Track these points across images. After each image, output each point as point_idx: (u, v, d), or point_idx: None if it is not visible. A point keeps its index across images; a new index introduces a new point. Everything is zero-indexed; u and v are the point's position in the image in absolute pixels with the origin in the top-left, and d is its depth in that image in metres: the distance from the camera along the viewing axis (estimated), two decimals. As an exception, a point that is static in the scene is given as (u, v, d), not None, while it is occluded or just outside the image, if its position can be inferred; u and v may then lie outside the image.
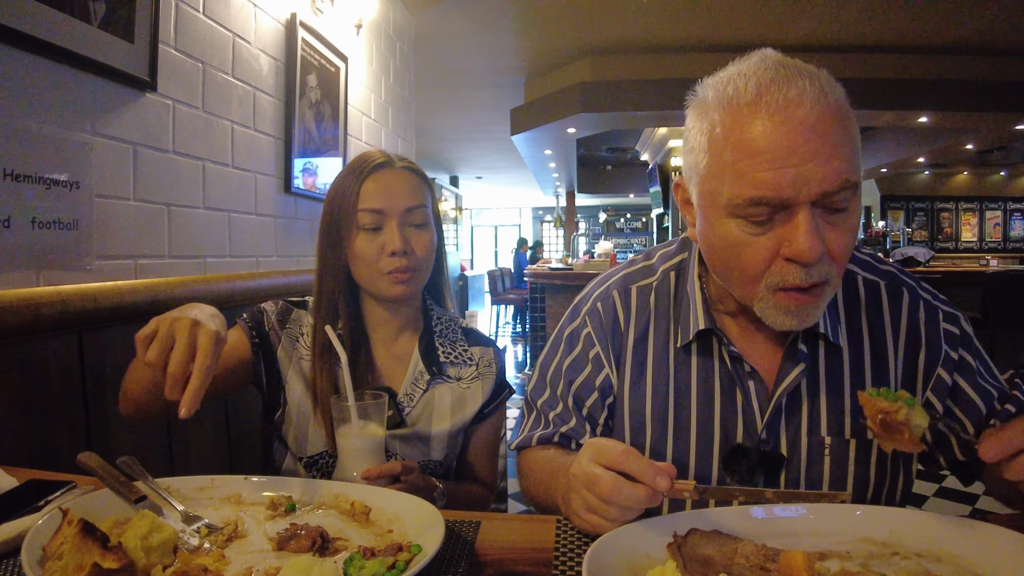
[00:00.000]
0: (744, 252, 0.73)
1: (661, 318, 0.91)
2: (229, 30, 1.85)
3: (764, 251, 0.72)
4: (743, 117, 0.70)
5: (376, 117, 3.15)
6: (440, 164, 12.08)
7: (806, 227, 0.68)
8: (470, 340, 1.20)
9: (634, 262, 1.00)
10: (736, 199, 0.70)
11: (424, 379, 1.12)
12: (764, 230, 0.71)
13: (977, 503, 2.95)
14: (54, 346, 1.22)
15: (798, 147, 0.67)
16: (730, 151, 0.70)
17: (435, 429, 1.10)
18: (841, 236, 0.72)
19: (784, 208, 0.70)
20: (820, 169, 0.67)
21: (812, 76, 0.70)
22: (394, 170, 1.09)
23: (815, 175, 0.67)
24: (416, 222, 1.09)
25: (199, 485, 0.81)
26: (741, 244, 0.73)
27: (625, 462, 0.64)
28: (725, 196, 0.72)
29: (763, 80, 0.70)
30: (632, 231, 17.55)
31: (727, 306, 0.87)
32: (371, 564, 0.61)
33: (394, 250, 1.05)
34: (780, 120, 0.68)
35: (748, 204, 0.70)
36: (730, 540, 0.66)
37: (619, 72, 5.89)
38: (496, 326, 9.15)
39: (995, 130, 7.27)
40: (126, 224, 1.46)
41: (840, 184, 0.68)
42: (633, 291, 0.94)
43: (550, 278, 5.44)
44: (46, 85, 1.24)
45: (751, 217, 0.71)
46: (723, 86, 0.73)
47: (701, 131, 0.75)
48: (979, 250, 11.72)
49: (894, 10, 4.75)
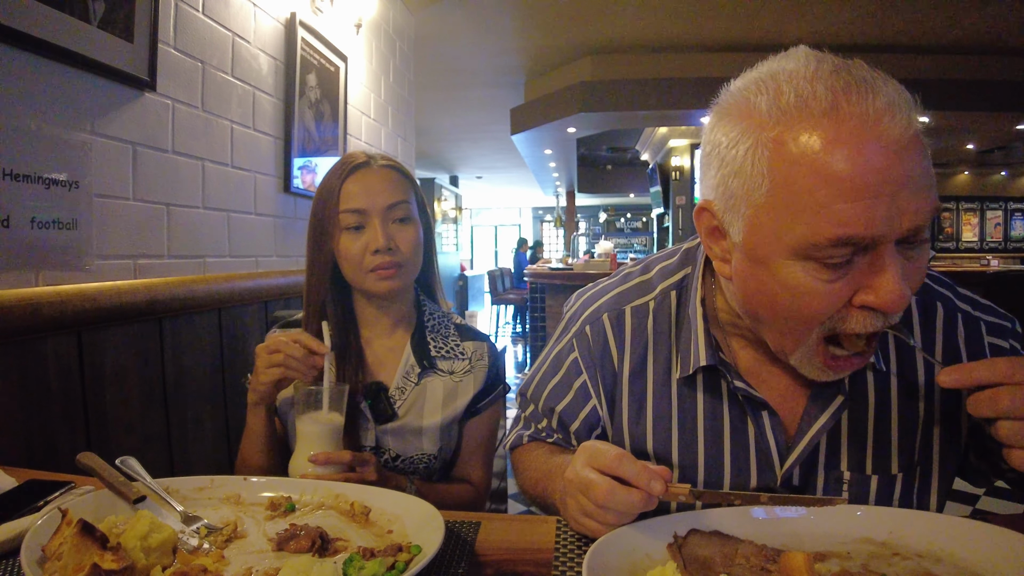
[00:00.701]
0: (810, 301, 0.60)
1: (661, 344, 0.81)
2: (229, 30, 1.85)
3: (836, 300, 0.59)
4: (818, 132, 0.56)
5: (376, 117, 3.15)
6: (440, 164, 12.07)
7: (895, 271, 0.57)
8: (463, 335, 1.20)
9: (629, 276, 0.89)
10: (814, 238, 0.57)
11: (415, 373, 1.13)
12: (840, 275, 0.58)
13: (977, 503, 2.95)
14: (54, 346, 1.22)
15: (892, 171, 0.55)
16: (805, 176, 0.56)
17: (426, 422, 1.11)
18: (917, 273, 0.60)
19: (866, 248, 0.57)
20: (915, 199, 0.55)
21: (893, 83, 0.58)
22: (373, 169, 1.11)
23: (909, 206, 0.55)
24: (398, 217, 1.10)
25: (199, 485, 0.80)
26: (809, 292, 0.59)
27: (619, 466, 0.62)
28: (798, 234, 0.58)
29: (836, 86, 0.57)
30: (632, 231, 17.54)
31: (740, 329, 0.76)
32: (371, 564, 0.61)
33: (378, 247, 1.06)
34: (871, 138, 0.55)
35: (830, 245, 0.56)
36: (730, 541, 0.66)
37: (619, 72, 5.89)
38: (496, 326, 9.15)
39: (995, 130, 7.28)
40: (125, 224, 1.46)
41: (932, 216, 0.57)
42: (628, 313, 0.84)
43: (550, 278, 5.44)
44: (46, 85, 1.24)
45: (828, 259, 0.58)
46: (775, 92, 0.59)
47: (752, 149, 0.60)
48: (980, 250, 11.71)
49: (894, 10, 4.75)
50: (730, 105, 0.64)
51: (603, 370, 0.84)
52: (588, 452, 0.66)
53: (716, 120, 0.66)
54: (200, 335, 1.67)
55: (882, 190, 0.55)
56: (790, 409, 0.76)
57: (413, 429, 1.11)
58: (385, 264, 1.07)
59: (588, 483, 0.63)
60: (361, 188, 1.09)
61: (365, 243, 1.08)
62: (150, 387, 1.48)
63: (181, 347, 1.59)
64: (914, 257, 0.60)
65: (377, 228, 1.07)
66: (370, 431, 1.10)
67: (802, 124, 0.57)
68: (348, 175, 1.09)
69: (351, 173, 1.10)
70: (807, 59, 0.60)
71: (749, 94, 0.62)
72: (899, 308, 0.58)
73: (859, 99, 0.56)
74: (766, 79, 0.61)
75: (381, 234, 1.07)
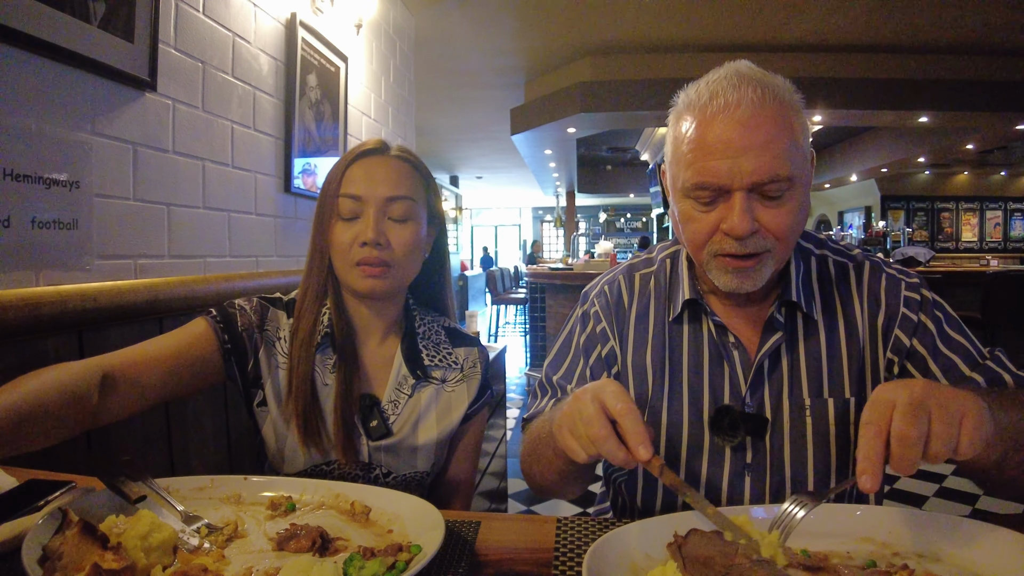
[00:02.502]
0: (693, 224, 0.87)
1: (660, 297, 1.03)
2: (229, 30, 1.85)
3: (707, 225, 0.85)
4: (697, 117, 0.83)
5: (376, 117, 3.15)
6: (440, 164, 12.09)
7: (738, 208, 0.81)
8: (454, 341, 1.15)
9: (637, 256, 1.13)
10: (687, 183, 0.84)
11: (408, 383, 1.07)
12: (709, 209, 0.85)
13: (977, 503, 2.95)
14: (54, 346, 1.22)
15: (733, 141, 0.80)
16: (686, 144, 0.84)
17: (422, 440, 1.06)
18: (776, 217, 0.83)
19: (724, 193, 0.83)
20: (752, 162, 0.79)
21: (761, 84, 0.82)
22: (384, 157, 1.04)
23: (747, 166, 0.80)
24: (398, 214, 1.02)
25: (199, 485, 0.80)
26: (692, 219, 0.87)
27: (622, 416, 0.67)
28: (681, 180, 0.86)
29: (717, 87, 0.83)
30: (632, 231, 17.53)
31: (709, 284, 0.96)
32: (371, 564, 0.61)
33: (366, 240, 0.98)
34: (722, 119, 0.81)
35: (695, 188, 0.84)
36: (731, 540, 0.66)
37: (619, 72, 5.88)
38: (496, 326, 9.15)
39: (995, 130, 7.27)
40: (126, 224, 1.46)
41: (770, 176, 0.80)
42: (636, 277, 1.06)
43: (550, 278, 5.44)
44: (46, 85, 1.24)
45: (699, 199, 0.85)
46: (691, 91, 0.87)
47: (672, 128, 0.90)
48: (979, 250, 11.71)
49: (895, 10, 4.75)
50: (674, 102, 0.91)
51: (617, 315, 1.03)
52: (604, 387, 0.70)
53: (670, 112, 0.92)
54: (200, 335, 1.67)
55: (725, 154, 0.80)
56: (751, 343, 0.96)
57: (408, 447, 1.05)
58: (371, 260, 0.99)
59: (590, 417, 0.68)
60: (364, 174, 1.01)
61: (355, 233, 1.00)
62: (150, 387, 1.48)
63: (181, 347, 1.59)
64: (772, 206, 0.83)
65: (370, 219, 0.99)
66: (363, 447, 1.02)
67: (690, 111, 0.85)
68: (356, 159, 1.03)
69: (360, 158, 1.03)
70: (725, 69, 0.85)
71: (682, 94, 0.89)
72: (740, 233, 0.81)
73: (723, 94, 0.81)
74: (695, 83, 0.87)
75: (372, 226, 0.98)
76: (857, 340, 0.94)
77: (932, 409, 0.59)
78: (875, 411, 0.60)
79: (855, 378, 0.93)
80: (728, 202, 0.83)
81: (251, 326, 1.03)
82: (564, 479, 0.89)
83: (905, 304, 0.94)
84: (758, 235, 0.83)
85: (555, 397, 1.02)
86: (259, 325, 1.04)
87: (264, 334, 1.04)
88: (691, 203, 0.86)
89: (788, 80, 0.86)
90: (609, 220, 17.90)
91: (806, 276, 0.96)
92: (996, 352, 0.90)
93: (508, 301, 8.74)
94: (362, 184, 1.00)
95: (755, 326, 0.96)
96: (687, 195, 0.86)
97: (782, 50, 5.52)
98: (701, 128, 0.82)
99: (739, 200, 0.81)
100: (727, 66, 0.87)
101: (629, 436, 0.67)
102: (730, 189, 0.82)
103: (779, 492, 0.92)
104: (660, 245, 1.11)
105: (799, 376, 0.93)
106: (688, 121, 0.85)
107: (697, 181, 0.83)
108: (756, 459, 0.92)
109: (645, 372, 0.98)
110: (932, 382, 0.62)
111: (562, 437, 0.73)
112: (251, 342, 1.02)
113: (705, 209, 0.85)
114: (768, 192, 0.82)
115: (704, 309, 0.97)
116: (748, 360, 0.94)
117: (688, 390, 0.96)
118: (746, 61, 0.88)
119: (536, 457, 0.91)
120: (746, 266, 0.86)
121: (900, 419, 0.58)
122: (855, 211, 12.70)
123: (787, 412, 0.92)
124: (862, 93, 5.68)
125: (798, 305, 0.93)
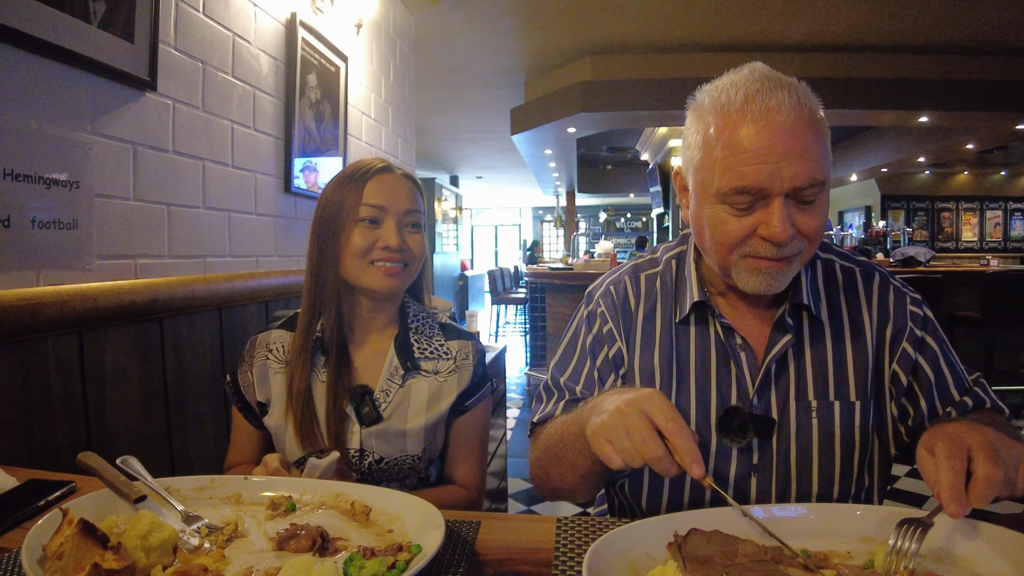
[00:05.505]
0: (726, 227, 0.85)
1: (666, 298, 1.03)
2: (229, 30, 1.85)
3: (742, 229, 0.84)
4: (732, 121, 0.82)
5: (376, 117, 3.15)
6: (440, 164, 12.07)
7: (780, 214, 0.81)
8: (448, 335, 1.22)
9: (641, 256, 1.12)
10: (723, 188, 0.82)
11: (399, 375, 1.15)
12: (745, 213, 0.84)
13: (977, 503, 2.95)
14: (54, 346, 1.22)
15: (775, 147, 0.79)
16: (720, 149, 0.82)
17: (410, 424, 1.12)
18: (810, 219, 0.84)
19: (763, 197, 0.82)
20: (793, 167, 0.79)
21: (792, 88, 0.82)
22: (395, 175, 1.17)
23: (788, 172, 0.79)
24: (412, 223, 1.16)
25: (199, 485, 0.81)
26: (724, 222, 0.85)
27: (673, 436, 0.69)
28: (715, 185, 0.84)
29: (750, 90, 0.82)
30: (632, 231, 17.50)
31: (718, 286, 0.98)
32: (371, 564, 0.61)
33: (389, 245, 1.11)
34: (762, 124, 0.80)
35: (733, 193, 0.82)
36: (731, 540, 0.66)
37: (619, 72, 5.88)
38: (496, 326, 9.15)
39: (995, 130, 7.26)
40: (126, 224, 1.46)
41: (809, 181, 0.80)
42: (642, 278, 1.06)
43: (550, 278, 5.44)
44: (46, 85, 1.24)
45: (735, 204, 0.83)
46: (717, 93, 0.85)
47: (697, 131, 0.87)
48: (979, 250, 11.70)
49: (894, 10, 4.75)
50: (694, 103, 0.90)
51: (624, 316, 1.03)
52: (651, 401, 0.71)
53: (688, 113, 0.91)
54: (201, 335, 1.67)
55: (767, 159, 0.79)
56: (758, 344, 0.96)
57: (397, 431, 1.12)
58: (395, 260, 1.12)
59: (642, 435, 0.69)
60: (384, 188, 1.14)
61: (377, 237, 1.11)
62: (151, 387, 1.48)
63: (182, 347, 1.59)
64: (807, 211, 0.83)
65: (393, 227, 1.12)
66: (355, 434, 1.11)
67: (724, 115, 0.83)
68: (372, 176, 1.14)
69: (376, 175, 1.15)
70: (748, 72, 0.84)
71: (704, 94, 0.88)
72: (782, 239, 0.81)
73: (760, 99, 0.80)
74: (717, 84, 0.86)
75: (396, 233, 1.12)
76: (864, 346, 0.95)
77: (1003, 455, 0.65)
78: (954, 448, 0.66)
79: (860, 383, 0.94)
80: (767, 207, 0.82)
81: (250, 383, 1.19)
82: (588, 482, 0.91)
83: (911, 319, 0.95)
84: (794, 239, 0.83)
85: (563, 399, 1.02)
86: (250, 365, 1.19)
87: (253, 367, 1.19)
88: (725, 208, 0.84)
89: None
90: (609, 220, 17.88)
91: (813, 279, 0.97)
92: (980, 379, 0.96)
93: (508, 301, 8.73)
94: (386, 196, 1.13)
95: (762, 328, 0.96)
96: (722, 200, 0.84)
97: (782, 50, 5.52)
98: (738, 132, 0.81)
99: (779, 206, 0.81)
100: (749, 67, 0.86)
101: (683, 455, 0.68)
102: (770, 194, 0.81)
103: (784, 493, 0.93)
104: (664, 246, 1.11)
105: (806, 379, 0.94)
106: (719, 124, 0.83)
107: (736, 186, 0.81)
108: (763, 460, 0.93)
109: (652, 373, 0.99)
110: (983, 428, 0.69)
111: (597, 443, 0.73)
112: (252, 381, 1.18)
113: (740, 213, 0.84)
114: (804, 196, 0.82)
115: (711, 311, 0.97)
116: (756, 362, 0.95)
117: (695, 391, 0.96)
118: (761, 63, 0.87)
119: (556, 460, 0.91)
120: (779, 267, 0.86)
121: (985, 462, 0.64)
122: (855, 211, 12.69)
123: (794, 414, 0.93)
124: (862, 93, 5.68)
125: (807, 308, 0.93)
